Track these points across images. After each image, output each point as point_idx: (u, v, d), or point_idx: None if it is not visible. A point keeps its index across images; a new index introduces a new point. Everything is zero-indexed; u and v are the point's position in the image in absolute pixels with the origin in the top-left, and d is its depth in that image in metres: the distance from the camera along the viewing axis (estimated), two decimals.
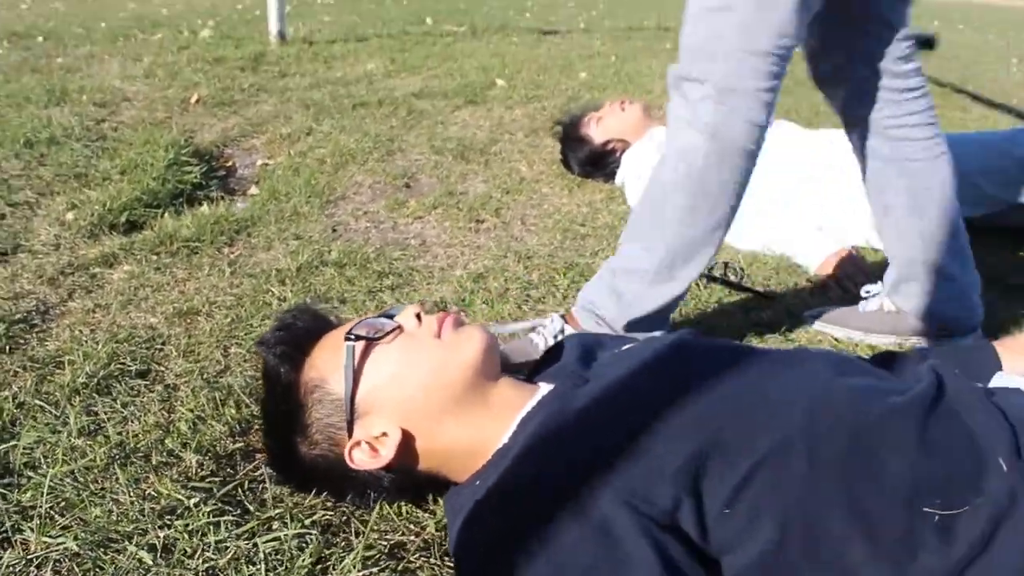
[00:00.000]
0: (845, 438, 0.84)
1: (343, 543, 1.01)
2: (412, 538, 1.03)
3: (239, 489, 1.09)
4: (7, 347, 1.48)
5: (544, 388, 1.03)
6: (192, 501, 1.05)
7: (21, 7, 6.80)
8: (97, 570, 0.94)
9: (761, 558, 0.81)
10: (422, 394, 1.00)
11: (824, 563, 0.82)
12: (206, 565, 0.95)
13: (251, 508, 1.05)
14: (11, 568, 0.94)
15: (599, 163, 2.59)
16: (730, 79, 1.24)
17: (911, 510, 0.81)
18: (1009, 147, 2.03)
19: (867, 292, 1.66)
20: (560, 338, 1.36)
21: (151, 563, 0.95)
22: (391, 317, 1.09)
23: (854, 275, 1.89)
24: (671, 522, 0.81)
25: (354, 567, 0.96)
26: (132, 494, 1.07)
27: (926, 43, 2.54)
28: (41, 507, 1.04)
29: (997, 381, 1.07)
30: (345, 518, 1.05)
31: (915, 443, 0.84)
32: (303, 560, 0.96)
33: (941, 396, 0.92)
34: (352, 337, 1.03)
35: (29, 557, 0.96)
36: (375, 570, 0.96)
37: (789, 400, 0.89)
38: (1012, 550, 0.82)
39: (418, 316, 1.07)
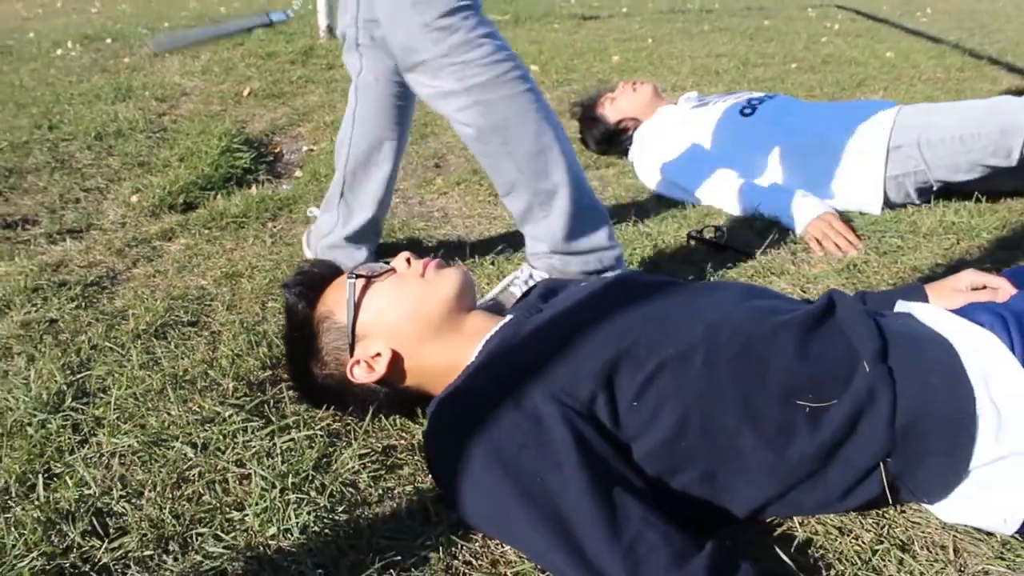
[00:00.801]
0: (738, 346, 1.05)
1: (344, 443, 1.25)
2: (401, 441, 1.27)
3: (265, 405, 1.35)
4: (83, 304, 1.78)
5: (508, 318, 1.26)
6: (227, 413, 1.31)
7: (91, 10, 7.29)
8: (152, 460, 1.21)
9: (663, 444, 1.02)
10: (408, 322, 1.24)
11: (717, 449, 1.02)
12: (235, 457, 1.21)
13: (273, 418, 1.30)
14: (90, 458, 1.22)
15: (613, 140, 2.78)
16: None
17: (787, 404, 1.01)
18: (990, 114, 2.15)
19: None
20: (531, 283, 1.58)
21: (192, 456, 1.21)
22: (387, 263, 1.33)
23: (836, 236, 2.05)
24: (589, 412, 1.02)
25: (351, 459, 1.20)
26: (180, 409, 1.33)
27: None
28: (110, 418, 1.31)
29: (897, 308, 1.24)
30: (348, 426, 1.30)
31: (794, 350, 1.04)
32: (311, 454, 1.20)
33: (829, 314, 1.11)
34: (353, 276, 1.27)
35: (102, 452, 1.24)
36: (368, 463, 1.21)
37: (697, 319, 1.09)
38: (871, 435, 1.01)
39: (408, 260, 1.30)
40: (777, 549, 1.02)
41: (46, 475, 1.18)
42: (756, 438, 1.01)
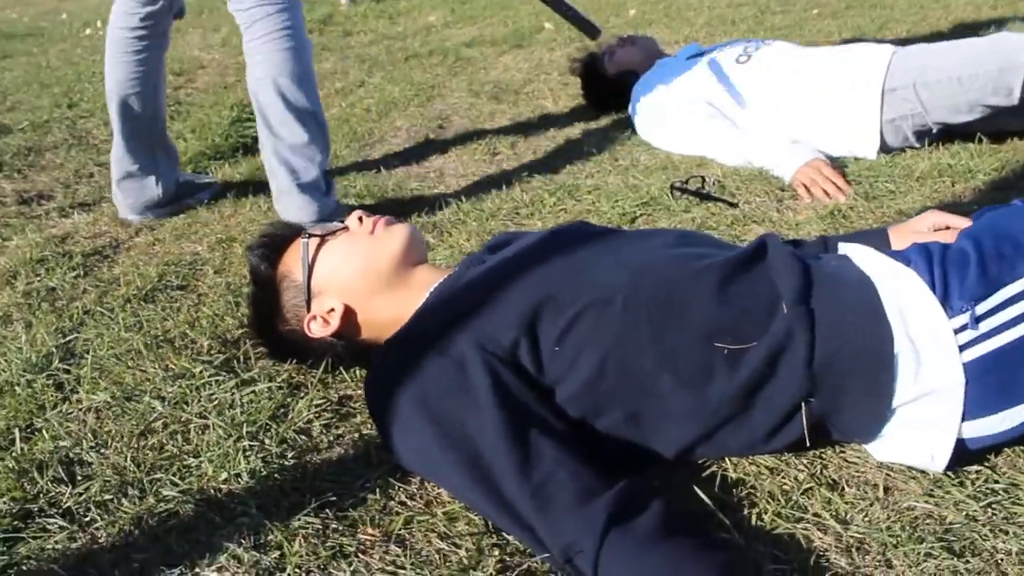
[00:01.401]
0: (658, 290, 1.07)
1: (303, 394, 1.32)
2: (357, 391, 1.33)
3: (235, 361, 1.42)
4: (83, 273, 1.87)
5: (452, 270, 1.30)
6: (197, 369, 1.38)
7: None
8: (124, 414, 1.29)
9: (584, 387, 1.06)
10: (359, 277, 1.29)
11: (638, 391, 1.05)
12: (199, 409, 1.28)
13: (240, 373, 1.37)
14: (68, 413, 1.31)
15: (612, 95, 2.77)
16: None
17: (706, 346, 1.03)
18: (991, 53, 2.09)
19: None
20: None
21: (160, 409, 1.29)
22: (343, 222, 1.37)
23: (824, 182, 2.03)
24: (512, 358, 1.06)
25: (306, 409, 1.27)
26: (156, 367, 1.42)
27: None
28: (90, 376, 1.40)
29: (839, 249, 1.24)
30: (310, 378, 1.36)
31: (715, 294, 1.06)
32: (269, 405, 1.27)
33: (758, 259, 1.12)
34: (307, 236, 1.33)
35: (80, 408, 1.33)
36: (322, 411, 1.27)
37: (622, 265, 1.12)
38: (790, 376, 1.03)
39: (360, 219, 1.35)
40: (697, 489, 1.04)
41: (27, 429, 1.28)
42: (674, 380, 1.04)
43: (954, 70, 2.09)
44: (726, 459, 1.12)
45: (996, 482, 1.05)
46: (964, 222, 1.31)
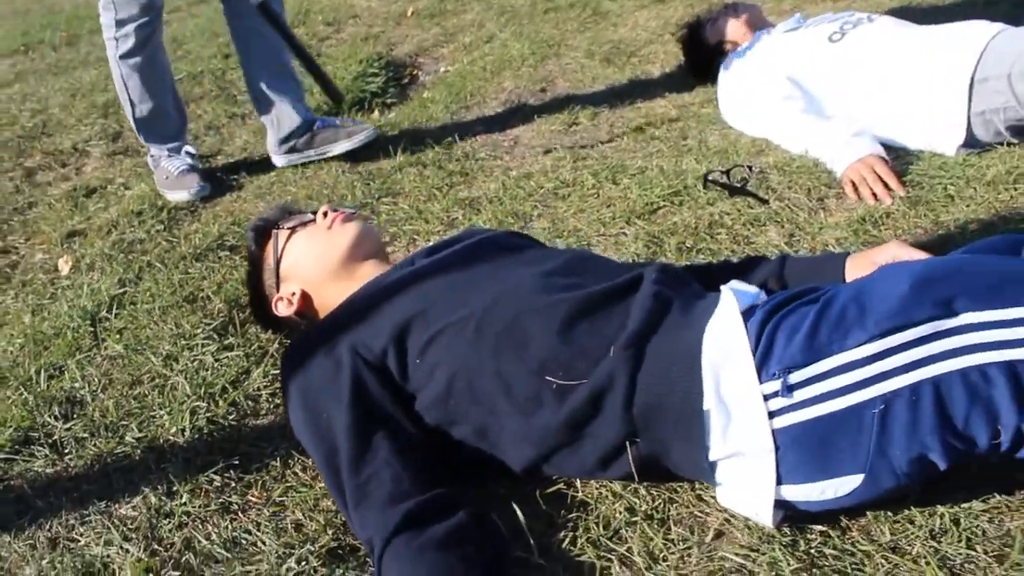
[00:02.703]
0: (508, 319, 1.14)
1: (269, 363, 1.53)
2: None
3: (229, 325, 1.66)
4: (168, 227, 2.21)
5: (387, 268, 1.43)
6: (197, 330, 1.64)
7: None
8: (127, 364, 1.58)
9: (436, 399, 1.17)
10: (315, 267, 1.46)
11: (481, 410, 1.15)
12: (181, 366, 1.54)
13: (227, 337, 1.61)
14: (92, 358, 1.62)
15: (709, 64, 2.69)
16: None
17: (539, 377, 1.10)
18: None
19: None
20: None
21: (156, 362, 1.56)
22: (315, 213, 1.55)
23: (875, 182, 1.91)
24: (381, 364, 1.19)
25: (260, 377, 1.48)
26: (169, 324, 1.69)
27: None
28: (119, 327, 1.70)
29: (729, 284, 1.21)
30: (281, 348, 1.57)
31: (558, 329, 1.11)
32: (234, 370, 1.50)
33: (625, 293, 1.15)
34: (279, 227, 1.52)
35: (102, 355, 1.63)
36: (274, 380, 1.48)
37: (492, 289, 1.19)
38: (612, 416, 1.07)
39: (325, 213, 1.51)
40: (515, 506, 1.13)
41: (57, 368, 1.60)
42: (508, 405, 1.12)
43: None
44: (579, 480, 1.19)
45: (833, 547, 1.04)
46: (920, 256, 1.25)
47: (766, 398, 0.98)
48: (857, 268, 1.30)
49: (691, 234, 1.82)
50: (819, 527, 1.07)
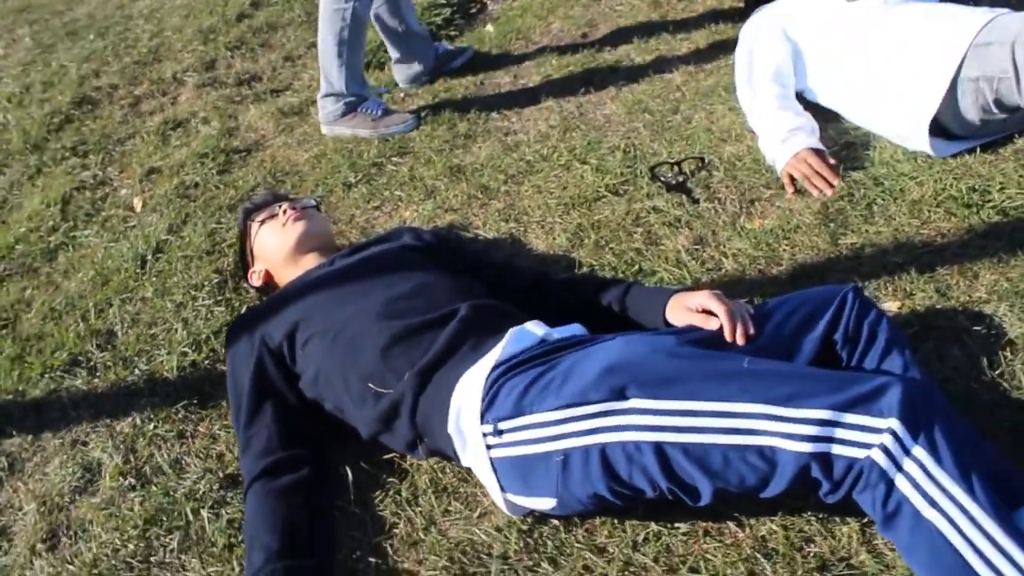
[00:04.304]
0: (353, 335, 1.57)
1: None
2: None
3: (228, 280, 2.18)
4: (224, 170, 2.73)
5: (321, 262, 1.87)
6: (205, 283, 2.18)
7: None
8: (152, 308, 2.15)
9: (310, 382, 1.63)
10: (272, 254, 1.94)
11: (334, 394, 1.60)
12: (186, 313, 2.09)
13: (228, 293, 2.14)
14: (131, 298, 2.20)
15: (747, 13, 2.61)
16: None
17: (364, 383, 1.54)
18: None
19: None
20: None
21: (169, 308, 2.12)
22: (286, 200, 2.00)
23: (811, 176, 2.07)
24: (278, 350, 1.66)
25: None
26: (193, 274, 2.23)
27: None
28: (157, 271, 2.27)
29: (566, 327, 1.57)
30: None
31: (381, 348, 1.53)
32: (219, 322, 2.03)
33: (439, 323, 1.54)
34: (252, 218, 1.99)
35: (137, 296, 2.21)
36: None
37: (353, 306, 1.62)
38: (404, 421, 1.49)
39: (284, 210, 1.96)
40: (348, 468, 1.60)
41: (107, 304, 2.20)
42: (348, 397, 1.57)
43: None
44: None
45: (557, 540, 1.42)
46: (719, 314, 1.46)
47: (485, 435, 1.37)
48: (675, 308, 1.57)
49: (613, 231, 2.11)
50: (557, 523, 1.46)
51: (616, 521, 1.43)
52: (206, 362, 1.95)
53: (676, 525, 1.41)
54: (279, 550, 1.41)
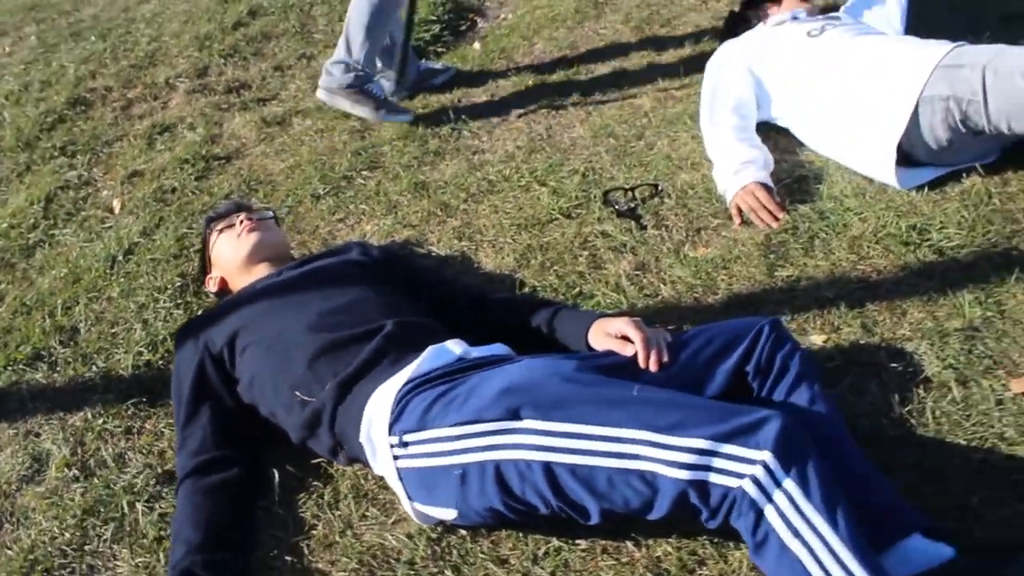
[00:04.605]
0: (285, 345, 1.66)
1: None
2: None
3: (191, 286, 2.28)
4: (201, 177, 2.83)
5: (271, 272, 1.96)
6: (168, 287, 2.27)
7: None
8: (116, 306, 2.24)
9: (246, 387, 1.72)
10: (227, 262, 2.03)
11: (267, 399, 1.69)
12: (146, 315, 2.18)
13: (188, 297, 2.23)
14: (97, 297, 2.30)
15: (739, 23, 2.71)
16: None
17: (292, 391, 1.63)
18: None
19: None
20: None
21: (132, 308, 2.22)
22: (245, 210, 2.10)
23: (758, 209, 2.15)
24: (219, 356, 1.75)
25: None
26: (157, 278, 2.33)
27: None
28: (125, 272, 2.37)
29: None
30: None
31: (308, 359, 1.62)
32: (174, 324, 2.12)
33: (364, 338, 1.62)
34: (212, 226, 2.09)
35: (105, 295, 2.31)
36: None
37: (288, 318, 1.71)
38: (326, 428, 1.58)
39: (241, 220, 2.05)
40: (275, 470, 1.69)
41: (74, 301, 2.30)
42: (279, 403, 1.66)
43: None
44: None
45: (464, 549, 1.50)
46: (638, 337, 1.54)
47: (392, 446, 1.45)
48: (596, 333, 1.65)
49: (559, 253, 2.19)
50: (464, 533, 1.53)
51: (520, 534, 1.51)
52: (160, 362, 2.05)
53: (576, 541, 1.48)
54: (199, 544, 1.50)
